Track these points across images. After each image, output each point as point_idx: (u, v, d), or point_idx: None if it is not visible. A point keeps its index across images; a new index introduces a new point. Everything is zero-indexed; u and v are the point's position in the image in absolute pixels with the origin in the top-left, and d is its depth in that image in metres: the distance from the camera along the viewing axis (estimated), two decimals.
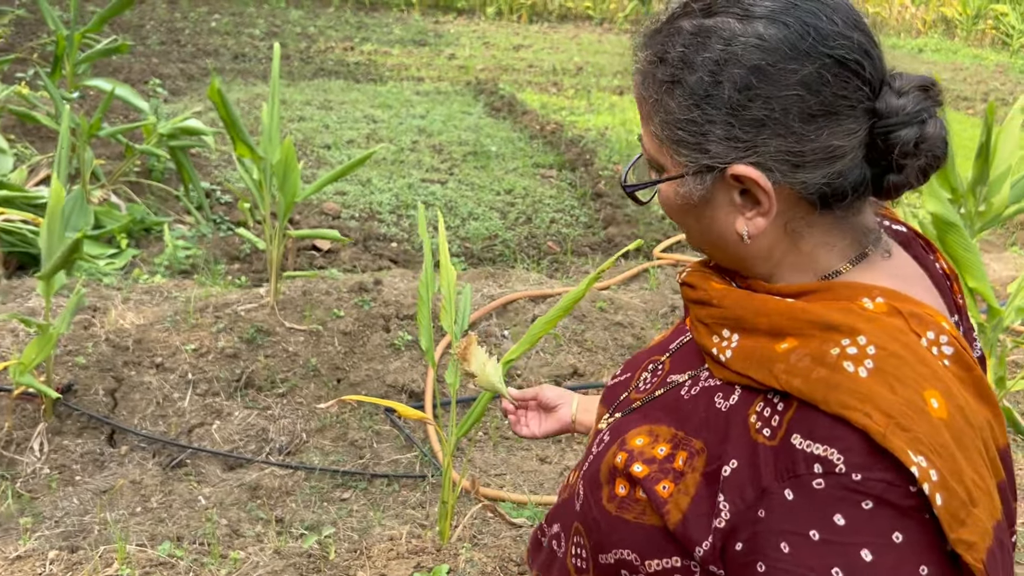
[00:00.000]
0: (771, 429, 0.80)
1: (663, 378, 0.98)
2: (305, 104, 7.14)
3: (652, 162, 0.90)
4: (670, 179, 0.88)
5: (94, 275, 3.85)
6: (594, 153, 6.39)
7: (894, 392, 0.75)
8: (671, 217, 0.92)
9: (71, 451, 2.78)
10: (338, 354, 3.33)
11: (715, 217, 0.87)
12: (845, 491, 0.74)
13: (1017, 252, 5.29)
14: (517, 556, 2.35)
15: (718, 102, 0.81)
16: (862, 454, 0.74)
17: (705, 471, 0.84)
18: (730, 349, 0.87)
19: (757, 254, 0.88)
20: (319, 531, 2.50)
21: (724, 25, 0.81)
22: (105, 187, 4.55)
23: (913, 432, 0.73)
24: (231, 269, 4.23)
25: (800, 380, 0.79)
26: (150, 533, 2.43)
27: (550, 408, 1.30)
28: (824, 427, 0.76)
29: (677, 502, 0.84)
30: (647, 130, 0.88)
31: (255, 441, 2.94)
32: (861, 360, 0.78)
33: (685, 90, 0.83)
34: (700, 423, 0.87)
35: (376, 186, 5.44)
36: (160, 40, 8.93)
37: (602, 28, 12.77)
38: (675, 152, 0.86)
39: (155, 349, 3.21)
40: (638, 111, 0.90)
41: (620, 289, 4.27)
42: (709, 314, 0.91)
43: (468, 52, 10.11)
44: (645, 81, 0.86)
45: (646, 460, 0.88)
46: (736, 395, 0.86)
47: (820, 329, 0.81)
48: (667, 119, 0.85)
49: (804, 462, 0.76)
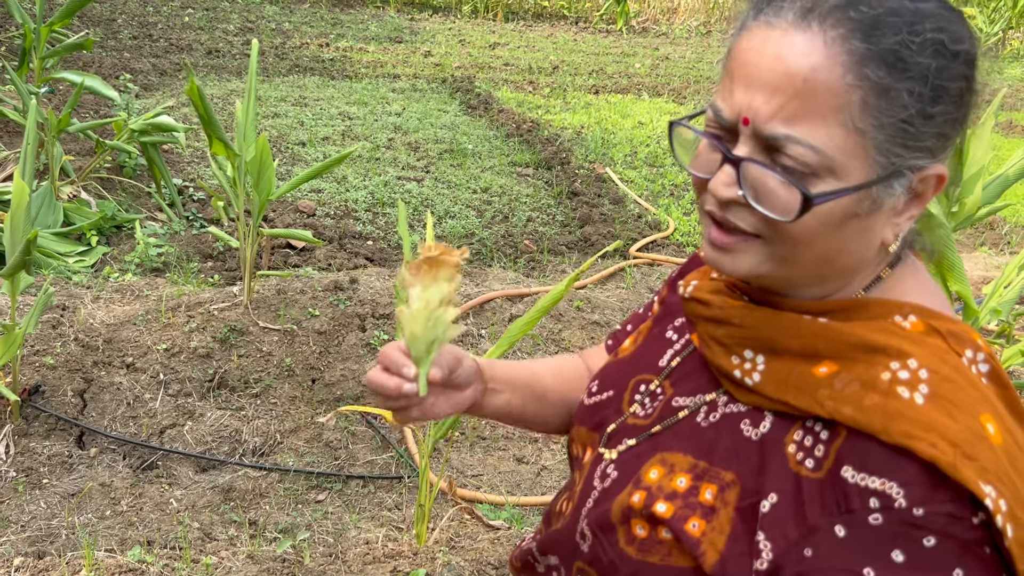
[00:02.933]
0: (815, 460, 0.75)
1: (666, 403, 0.91)
2: (280, 101, 7.06)
3: (812, 167, 0.72)
4: (872, 184, 0.73)
5: (63, 273, 3.78)
6: (570, 152, 6.38)
7: (953, 419, 0.70)
8: (802, 237, 0.74)
9: (38, 453, 2.72)
10: (313, 354, 3.29)
11: (869, 227, 0.76)
12: (905, 527, 0.68)
13: (987, 252, 5.34)
14: (495, 559, 2.32)
15: (951, 94, 0.72)
16: (924, 487, 0.69)
17: (739, 505, 0.78)
18: (757, 372, 0.81)
19: (860, 267, 0.79)
20: (293, 535, 2.46)
21: (936, 10, 0.73)
22: (75, 183, 4.46)
23: (979, 461, 0.68)
24: (204, 267, 4.17)
25: (851, 408, 0.73)
26: (119, 537, 2.38)
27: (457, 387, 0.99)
28: (879, 458, 0.71)
29: (713, 541, 0.78)
30: (831, 122, 0.71)
31: (228, 442, 2.90)
32: (916, 385, 0.72)
33: (917, 77, 0.71)
34: (728, 453, 0.81)
35: (352, 184, 5.39)
36: (132, 35, 8.80)
37: (577, 27, 12.77)
38: (883, 151, 0.72)
39: (126, 349, 3.15)
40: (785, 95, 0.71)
41: (597, 288, 4.26)
42: (728, 334, 0.84)
43: (444, 50, 10.06)
44: (859, 63, 0.70)
45: (667, 496, 0.82)
46: (768, 422, 0.80)
47: (863, 351, 0.75)
48: (893, 110, 0.71)
49: (858, 497, 0.71)
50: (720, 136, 0.78)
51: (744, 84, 0.74)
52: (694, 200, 5.75)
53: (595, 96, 8.44)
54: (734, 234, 0.78)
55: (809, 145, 0.72)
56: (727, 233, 0.78)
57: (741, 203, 0.76)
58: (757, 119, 0.73)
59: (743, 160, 0.75)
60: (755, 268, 0.78)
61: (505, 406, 1.05)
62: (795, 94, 0.71)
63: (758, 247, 0.77)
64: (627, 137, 7.00)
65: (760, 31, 0.74)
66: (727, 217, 0.78)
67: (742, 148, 0.75)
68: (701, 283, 0.90)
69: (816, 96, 0.71)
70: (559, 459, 3.01)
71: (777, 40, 0.72)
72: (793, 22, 0.72)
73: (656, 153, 6.68)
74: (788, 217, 0.73)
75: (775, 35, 0.73)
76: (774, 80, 0.72)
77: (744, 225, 0.77)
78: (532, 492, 2.80)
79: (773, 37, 0.73)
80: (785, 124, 0.72)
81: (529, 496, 2.76)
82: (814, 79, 0.71)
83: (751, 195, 0.75)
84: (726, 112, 0.76)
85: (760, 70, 0.73)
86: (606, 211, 5.34)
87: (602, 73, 9.53)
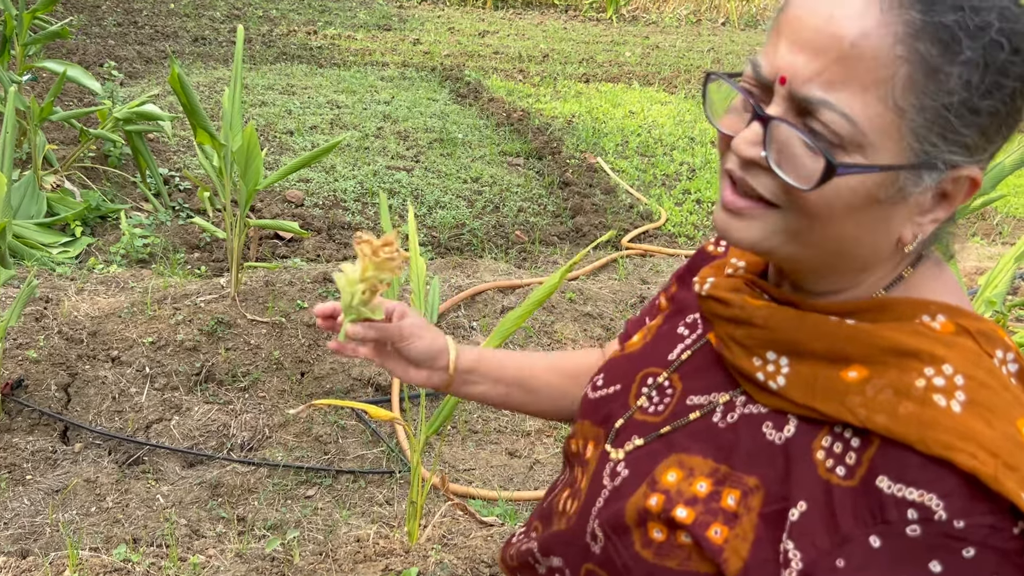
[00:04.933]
0: (846, 468, 0.72)
1: (679, 399, 0.88)
2: (267, 89, 6.98)
3: (843, 138, 0.68)
4: (900, 168, 0.69)
5: (47, 264, 3.71)
6: (561, 141, 6.33)
7: (991, 427, 0.68)
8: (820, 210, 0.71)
9: (21, 449, 2.67)
10: (302, 346, 3.24)
11: (889, 218, 0.73)
12: (945, 539, 0.66)
13: (979, 242, 5.34)
14: (488, 557, 2.29)
15: (1005, 89, 0.68)
16: (963, 498, 0.66)
17: (763, 511, 0.75)
18: (781, 375, 0.77)
19: (875, 262, 0.76)
20: (283, 531, 2.42)
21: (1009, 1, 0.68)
22: (58, 173, 4.39)
23: (1021, 471, 0.66)
24: (191, 258, 4.11)
25: (885, 416, 0.70)
26: (105, 535, 2.34)
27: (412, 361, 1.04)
28: (916, 469, 0.68)
29: (736, 548, 0.75)
30: (871, 95, 0.67)
31: (216, 437, 2.85)
32: (952, 392, 0.69)
33: (970, 63, 0.66)
34: (749, 457, 0.78)
35: (340, 173, 5.33)
36: (116, 21, 8.69)
37: (567, 16, 12.69)
38: (919, 137, 0.68)
39: (111, 342, 3.09)
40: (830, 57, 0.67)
41: (589, 279, 4.22)
42: (749, 335, 0.80)
43: (433, 38, 9.98)
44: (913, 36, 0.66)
45: (687, 501, 0.79)
46: (792, 426, 0.77)
47: (895, 356, 0.72)
48: (938, 94, 0.67)
49: (896, 508, 0.68)
50: (754, 94, 0.74)
51: (789, 41, 0.70)
52: (687, 190, 5.72)
53: (585, 85, 8.39)
54: (749, 198, 0.74)
55: (844, 114, 0.68)
56: (742, 196, 0.75)
57: (763, 166, 0.72)
58: (795, 79, 0.69)
59: (773, 119, 0.71)
60: (763, 239, 0.74)
61: (480, 396, 1.10)
62: (839, 58, 0.67)
63: (771, 217, 0.73)
64: (618, 126, 6.95)
65: None
66: (745, 179, 0.74)
67: (775, 108, 0.71)
68: (718, 280, 0.86)
69: (861, 63, 0.67)
70: (552, 453, 2.98)
71: (831, 0, 0.68)
72: None
73: (647, 142, 6.64)
74: (807, 185, 0.69)
75: None
76: (820, 40, 0.68)
77: (762, 190, 0.73)
78: (525, 487, 2.77)
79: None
80: (823, 88, 0.68)
81: (522, 491, 2.73)
82: (862, 45, 0.66)
83: (774, 158, 0.71)
84: (765, 68, 0.72)
85: (808, 28, 0.69)
86: (597, 201, 5.30)
87: (592, 62, 9.48)
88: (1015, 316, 3.90)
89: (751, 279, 0.84)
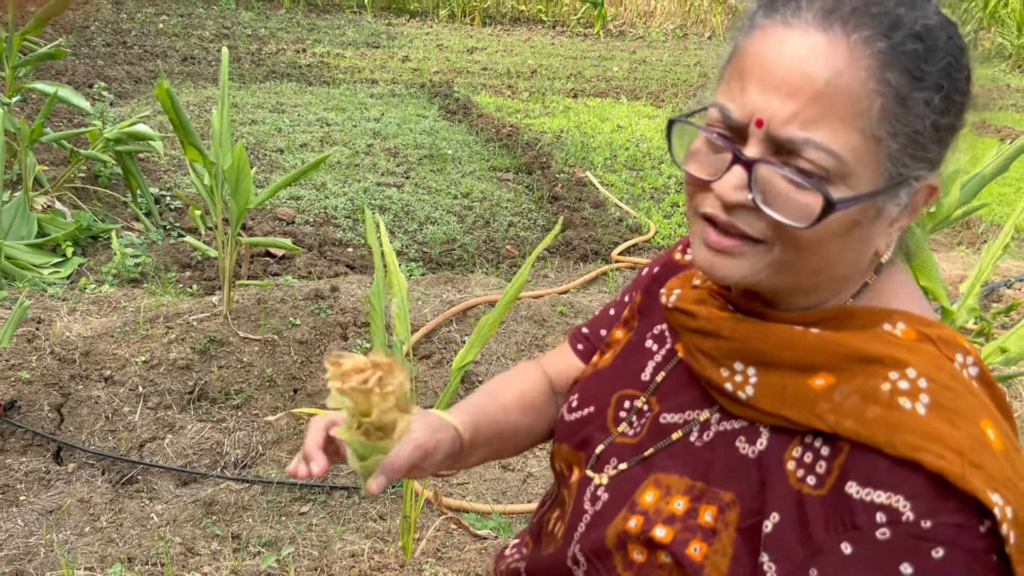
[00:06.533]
0: (817, 477, 0.73)
1: (654, 420, 0.88)
2: (257, 107, 7.01)
3: (829, 172, 0.70)
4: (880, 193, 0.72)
5: (38, 285, 3.72)
6: (550, 156, 6.37)
7: (956, 427, 0.69)
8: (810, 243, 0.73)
9: (15, 470, 2.67)
10: (294, 364, 3.25)
11: (868, 236, 0.75)
12: (913, 539, 0.67)
13: (964, 251, 5.39)
14: (483, 570, 2.30)
15: (957, 104, 0.72)
16: (930, 498, 0.68)
17: (740, 526, 0.76)
18: (749, 385, 0.79)
19: (853, 276, 0.78)
20: (278, 548, 2.43)
21: (944, 20, 0.72)
22: (49, 193, 4.40)
23: (986, 469, 0.68)
24: (182, 277, 4.12)
25: (853, 421, 0.72)
26: (99, 555, 2.34)
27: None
28: (884, 472, 0.69)
29: (715, 564, 0.76)
30: (851, 128, 0.69)
31: (209, 455, 2.85)
32: (916, 395, 0.71)
33: (932, 87, 0.70)
34: (725, 473, 0.79)
35: (331, 190, 5.35)
36: (105, 42, 8.71)
37: (555, 31, 12.78)
38: (894, 161, 0.72)
39: (103, 361, 3.10)
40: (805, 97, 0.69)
41: (579, 293, 4.25)
42: (716, 346, 0.81)
43: (422, 55, 10.04)
44: (882, 68, 0.69)
45: (665, 520, 0.80)
46: (764, 438, 0.78)
47: (860, 362, 0.74)
48: (909, 119, 0.70)
49: (864, 512, 0.69)
50: (727, 136, 0.75)
51: (759, 84, 0.71)
52: (675, 203, 5.76)
53: (574, 100, 8.45)
54: (734, 238, 0.75)
55: (828, 150, 0.70)
56: (726, 236, 0.75)
57: (748, 207, 0.73)
58: (773, 121, 0.71)
59: (757, 161, 0.72)
60: (752, 275, 0.76)
61: (477, 462, 1.02)
62: (815, 97, 0.69)
63: (759, 253, 0.75)
64: (606, 141, 7.00)
65: (777, 30, 0.71)
66: (732, 221, 0.75)
67: (752, 150, 0.73)
68: (684, 292, 0.87)
69: (838, 100, 0.69)
70: (545, 466, 2.99)
71: (797, 41, 0.70)
72: (814, 22, 0.70)
73: (636, 156, 6.68)
74: (804, 223, 0.71)
75: (794, 35, 0.70)
76: (794, 82, 0.70)
77: (750, 230, 0.74)
78: (518, 500, 2.78)
79: (792, 37, 0.70)
80: (803, 127, 0.70)
81: (515, 504, 2.74)
82: (837, 83, 0.69)
83: (760, 199, 0.72)
84: (736, 112, 0.73)
85: (778, 71, 0.70)
86: (587, 215, 5.33)
87: (580, 77, 9.54)
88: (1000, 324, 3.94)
89: (716, 290, 0.86)
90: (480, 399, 1.03)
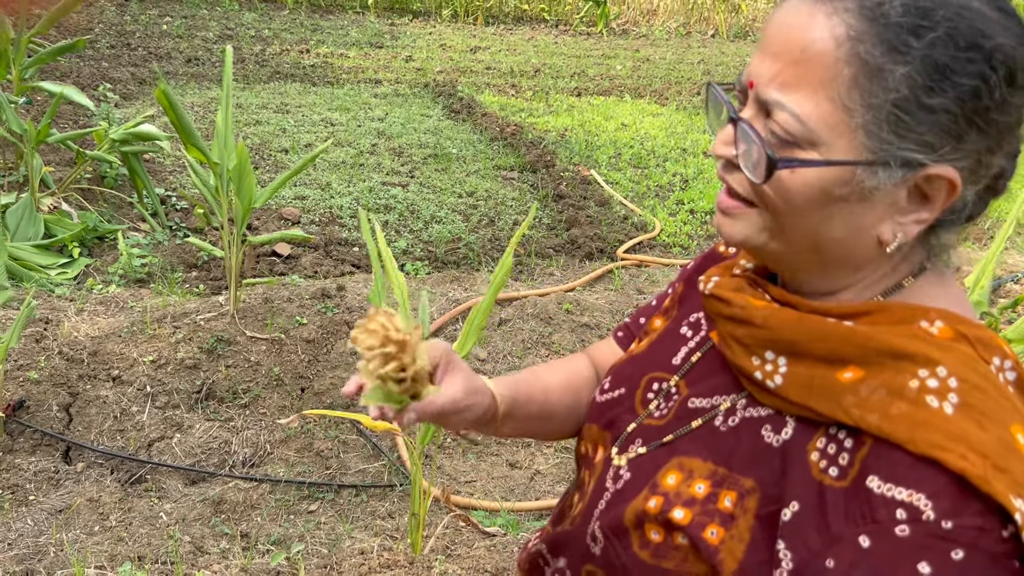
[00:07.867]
0: (839, 469, 0.73)
1: (682, 403, 0.89)
2: (261, 108, 7.02)
3: (795, 136, 0.73)
4: (850, 164, 0.72)
5: (45, 286, 3.73)
6: (555, 155, 6.37)
7: (984, 429, 0.68)
8: (781, 205, 0.75)
9: (24, 470, 2.68)
10: (301, 362, 3.25)
11: (859, 215, 0.75)
12: (933, 539, 0.66)
13: (971, 247, 5.38)
14: (492, 567, 2.30)
15: (958, 89, 0.70)
16: (952, 499, 0.67)
17: (759, 513, 0.76)
18: (779, 375, 0.79)
19: (861, 263, 0.78)
20: (287, 546, 2.43)
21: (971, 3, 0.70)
22: (55, 194, 4.41)
23: (1011, 473, 0.66)
24: (189, 277, 4.13)
25: (877, 416, 0.71)
26: (109, 553, 2.34)
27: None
28: (906, 468, 0.69)
29: (731, 549, 0.76)
30: (820, 95, 0.71)
31: (217, 454, 2.86)
32: (944, 394, 0.70)
33: (917, 61, 0.69)
34: (747, 459, 0.80)
35: (336, 190, 5.36)
36: (110, 44, 8.73)
37: (557, 30, 12.78)
38: (870, 134, 0.71)
39: (111, 361, 3.11)
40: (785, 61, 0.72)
41: (585, 290, 4.25)
42: (750, 334, 0.82)
43: (425, 54, 10.04)
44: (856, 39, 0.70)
45: (685, 502, 0.80)
46: (789, 428, 0.78)
47: (890, 358, 0.73)
48: (884, 92, 0.70)
49: (884, 507, 0.69)
50: (739, 99, 0.81)
51: (760, 49, 0.77)
52: (680, 200, 5.76)
53: (577, 98, 8.44)
54: (735, 199, 0.80)
55: (794, 114, 0.73)
56: (729, 197, 0.80)
57: (736, 165, 0.78)
58: (759, 83, 0.75)
59: (739, 120, 0.77)
60: (750, 236, 0.80)
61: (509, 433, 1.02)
62: (792, 61, 0.73)
63: (752, 215, 0.79)
64: (611, 139, 7.00)
65: (790, 3, 0.76)
66: (727, 179, 0.80)
67: (747, 111, 0.77)
68: (722, 280, 0.88)
69: (811, 66, 0.72)
70: (552, 463, 2.99)
71: (792, 9, 0.75)
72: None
73: (640, 154, 6.68)
74: (758, 179, 0.75)
75: (792, 5, 0.75)
76: (779, 47, 0.74)
77: (739, 189, 0.79)
78: (526, 497, 2.78)
79: (790, 6, 0.75)
80: (779, 90, 0.74)
81: (524, 501, 2.74)
82: (810, 50, 0.72)
83: (741, 156, 0.77)
84: (744, 75, 0.79)
85: (772, 37, 0.76)
86: (592, 213, 5.33)
87: (584, 75, 9.54)
88: (1007, 319, 3.94)
89: (754, 278, 0.86)
90: (524, 377, 1.06)
